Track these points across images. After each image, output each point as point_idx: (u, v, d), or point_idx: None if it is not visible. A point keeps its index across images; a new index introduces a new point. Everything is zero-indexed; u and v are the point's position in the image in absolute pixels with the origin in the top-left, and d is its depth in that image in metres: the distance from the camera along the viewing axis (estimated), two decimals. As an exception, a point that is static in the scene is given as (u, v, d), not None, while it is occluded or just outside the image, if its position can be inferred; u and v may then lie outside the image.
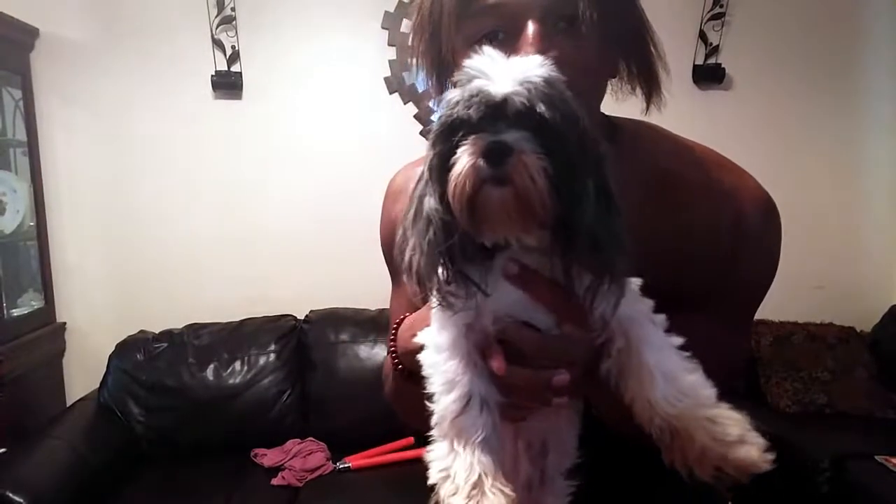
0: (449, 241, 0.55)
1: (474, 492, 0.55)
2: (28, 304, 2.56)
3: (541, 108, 0.51)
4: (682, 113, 0.77)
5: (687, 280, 0.71)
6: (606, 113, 0.77)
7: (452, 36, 0.68)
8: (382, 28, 2.62)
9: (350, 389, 2.37)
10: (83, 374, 2.63)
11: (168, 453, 2.33)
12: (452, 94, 0.54)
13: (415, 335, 0.65)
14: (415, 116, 2.69)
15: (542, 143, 0.51)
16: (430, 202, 0.56)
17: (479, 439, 0.57)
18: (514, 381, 0.60)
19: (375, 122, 2.68)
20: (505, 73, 0.53)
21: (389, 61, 2.65)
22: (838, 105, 2.85)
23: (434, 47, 0.71)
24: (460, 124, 0.53)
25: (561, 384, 0.59)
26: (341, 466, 2.24)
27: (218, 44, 2.55)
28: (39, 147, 2.55)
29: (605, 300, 0.56)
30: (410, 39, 0.75)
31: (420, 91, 2.68)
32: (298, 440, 2.35)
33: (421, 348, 0.63)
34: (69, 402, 2.58)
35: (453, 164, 0.52)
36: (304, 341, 2.51)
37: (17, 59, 2.45)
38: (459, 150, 0.52)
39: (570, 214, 0.52)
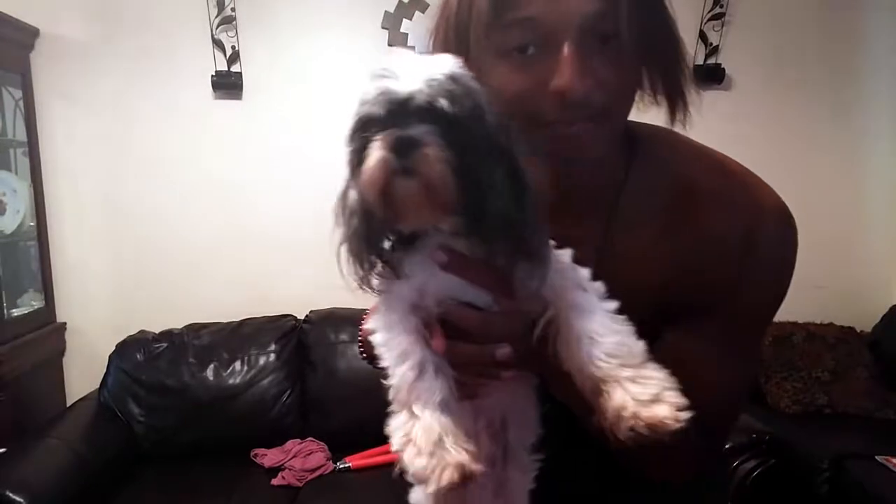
0: (371, 231, 0.60)
1: (436, 450, 0.57)
2: (28, 304, 2.56)
3: (442, 103, 0.54)
4: (681, 113, 0.77)
5: (695, 287, 0.71)
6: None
7: (481, 43, 0.65)
8: (382, 28, 2.62)
9: (350, 389, 2.37)
10: (83, 374, 2.63)
11: (168, 453, 2.33)
12: (364, 93, 0.57)
13: None
14: (415, 116, 2.68)
15: (447, 136, 0.54)
16: (353, 195, 0.61)
17: (436, 400, 0.59)
18: (460, 357, 0.62)
19: (375, 123, 2.67)
20: (411, 71, 0.56)
21: (389, 61, 2.65)
22: (838, 105, 2.84)
23: (459, 52, 0.68)
24: (371, 121, 0.56)
25: (504, 357, 0.62)
26: (341, 466, 2.24)
27: (218, 44, 2.55)
28: (39, 147, 2.55)
29: (529, 276, 0.60)
30: (428, 39, 0.73)
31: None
32: (298, 440, 2.35)
33: (373, 333, 0.66)
34: (69, 402, 2.58)
35: (365, 157, 0.56)
36: (304, 341, 2.51)
37: (17, 59, 2.46)
38: (370, 146, 0.55)
39: (479, 201, 0.56)
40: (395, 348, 0.62)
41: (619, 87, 0.65)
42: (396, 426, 0.61)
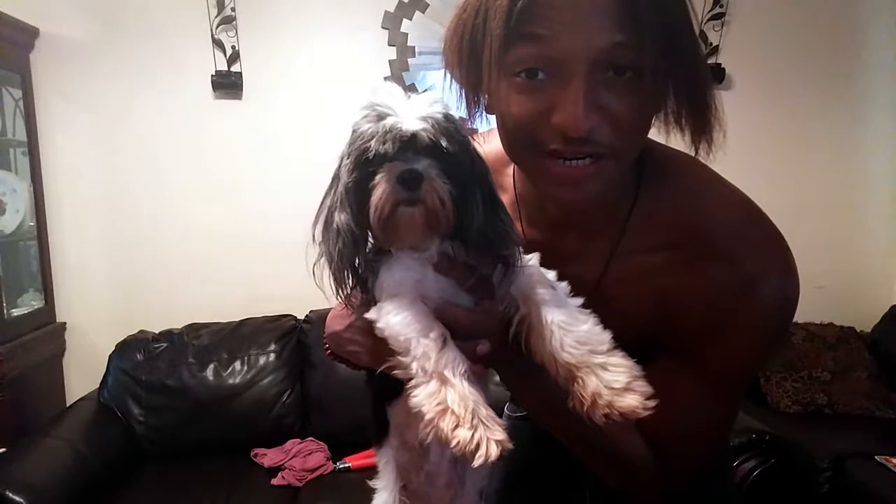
0: (355, 253, 0.66)
1: (475, 421, 0.59)
2: (28, 304, 2.56)
3: (443, 142, 0.61)
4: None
5: (681, 325, 0.72)
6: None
7: (493, 60, 0.64)
8: (382, 28, 2.63)
9: (350, 389, 2.36)
10: (83, 374, 2.63)
11: (168, 453, 2.33)
12: (364, 127, 0.63)
13: (349, 324, 0.75)
14: (415, 116, 2.68)
15: (444, 169, 0.62)
16: (342, 217, 0.66)
17: (464, 370, 0.62)
18: None
19: (375, 122, 2.67)
20: (410, 110, 0.63)
21: (389, 61, 2.65)
22: (838, 105, 2.85)
23: (469, 66, 0.68)
24: (376, 155, 0.62)
25: (483, 353, 0.67)
26: (341, 466, 2.24)
27: (218, 44, 2.55)
28: (39, 147, 2.55)
29: (503, 280, 0.68)
30: (443, 47, 0.72)
31: (420, 91, 2.68)
32: (298, 440, 2.35)
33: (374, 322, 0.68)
34: (69, 402, 2.58)
35: (373, 188, 0.61)
36: (303, 341, 2.51)
37: (17, 59, 2.45)
38: (378, 177, 0.61)
39: (464, 222, 0.64)
40: (415, 323, 0.64)
41: (631, 123, 0.63)
42: (427, 395, 0.61)
